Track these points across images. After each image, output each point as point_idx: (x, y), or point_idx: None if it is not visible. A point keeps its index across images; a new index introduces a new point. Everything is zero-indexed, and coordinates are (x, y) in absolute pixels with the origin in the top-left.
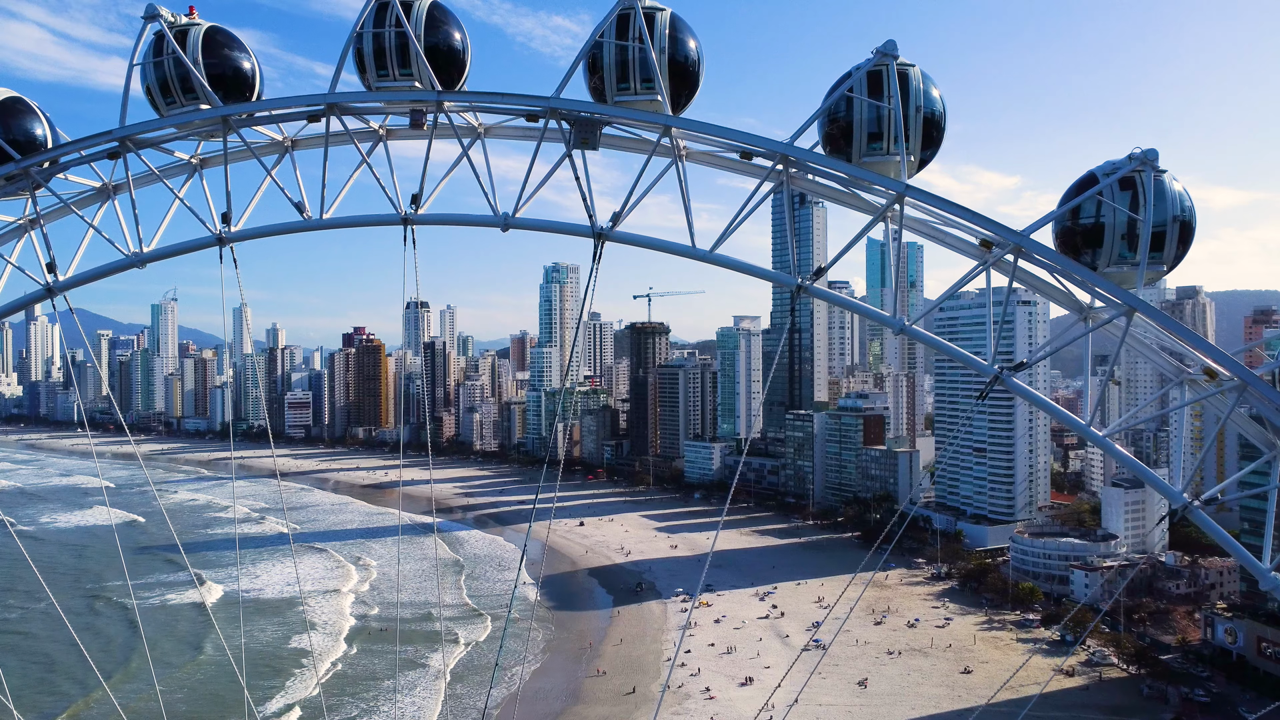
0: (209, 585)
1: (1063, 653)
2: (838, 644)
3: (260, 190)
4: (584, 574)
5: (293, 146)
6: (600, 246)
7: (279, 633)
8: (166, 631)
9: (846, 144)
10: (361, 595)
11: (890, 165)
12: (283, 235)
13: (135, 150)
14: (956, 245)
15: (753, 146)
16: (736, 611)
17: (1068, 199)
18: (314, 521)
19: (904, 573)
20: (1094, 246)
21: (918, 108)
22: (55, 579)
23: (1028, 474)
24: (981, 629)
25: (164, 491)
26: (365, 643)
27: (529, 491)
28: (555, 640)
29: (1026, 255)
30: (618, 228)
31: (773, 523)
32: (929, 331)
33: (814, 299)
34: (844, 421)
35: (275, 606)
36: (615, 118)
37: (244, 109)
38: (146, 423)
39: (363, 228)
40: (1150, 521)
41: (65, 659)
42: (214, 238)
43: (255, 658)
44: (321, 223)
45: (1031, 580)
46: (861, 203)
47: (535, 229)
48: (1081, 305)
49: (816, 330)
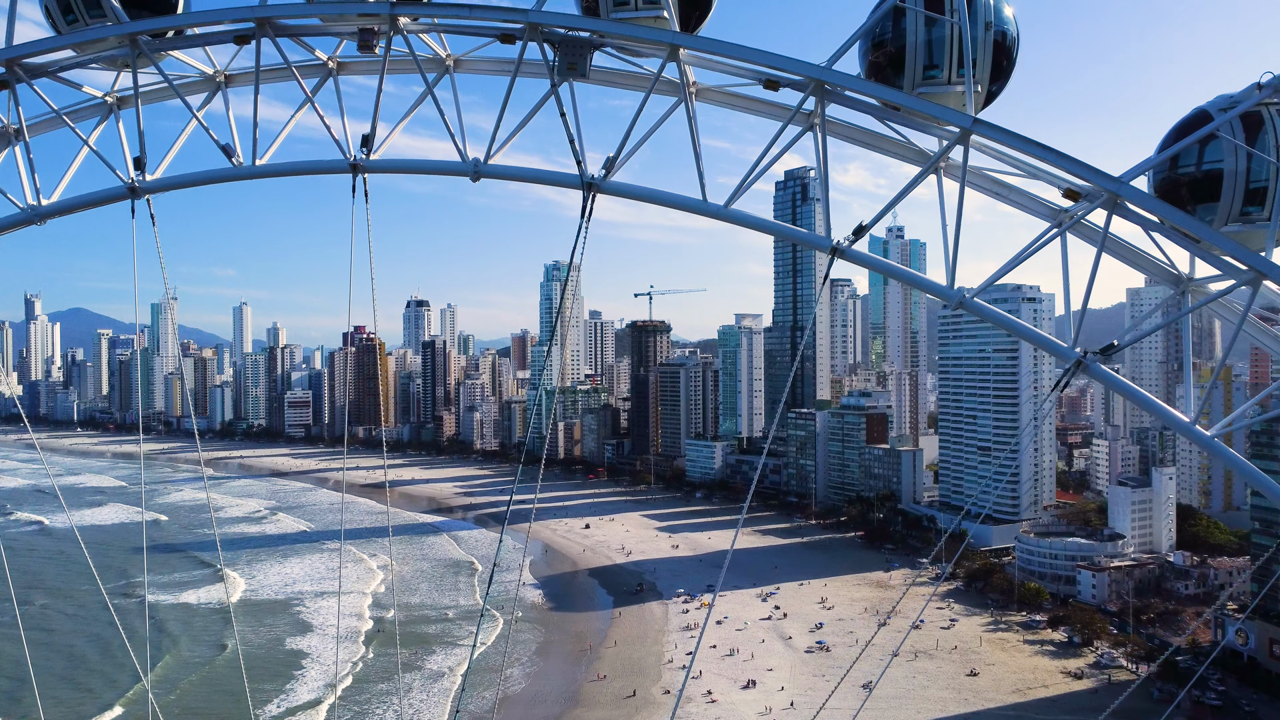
0: (229, 583)
1: (1070, 654)
2: (841, 646)
3: (185, 133)
4: (584, 574)
5: (226, 83)
6: (591, 200)
7: (285, 633)
8: (186, 629)
9: (896, 73)
10: (378, 596)
11: (951, 98)
12: (210, 185)
13: (27, 80)
14: (1024, 203)
15: (781, 71)
16: (738, 612)
17: (1170, 142)
18: (318, 519)
19: (908, 573)
20: (1206, 200)
21: (988, 24)
22: (75, 577)
23: (1033, 473)
24: (987, 630)
25: (167, 490)
26: (379, 646)
27: (530, 491)
28: (554, 642)
29: (1121, 210)
30: (612, 177)
31: (775, 522)
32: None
33: (849, 263)
34: (847, 420)
35: (281, 606)
36: (611, 36)
37: (154, 25)
38: (146, 422)
39: (308, 173)
40: (1158, 521)
41: (93, 656)
42: (124, 188)
43: (266, 658)
44: (255, 170)
45: (1037, 580)
46: (909, 152)
47: (512, 178)
48: (1179, 276)
49: (819, 328)
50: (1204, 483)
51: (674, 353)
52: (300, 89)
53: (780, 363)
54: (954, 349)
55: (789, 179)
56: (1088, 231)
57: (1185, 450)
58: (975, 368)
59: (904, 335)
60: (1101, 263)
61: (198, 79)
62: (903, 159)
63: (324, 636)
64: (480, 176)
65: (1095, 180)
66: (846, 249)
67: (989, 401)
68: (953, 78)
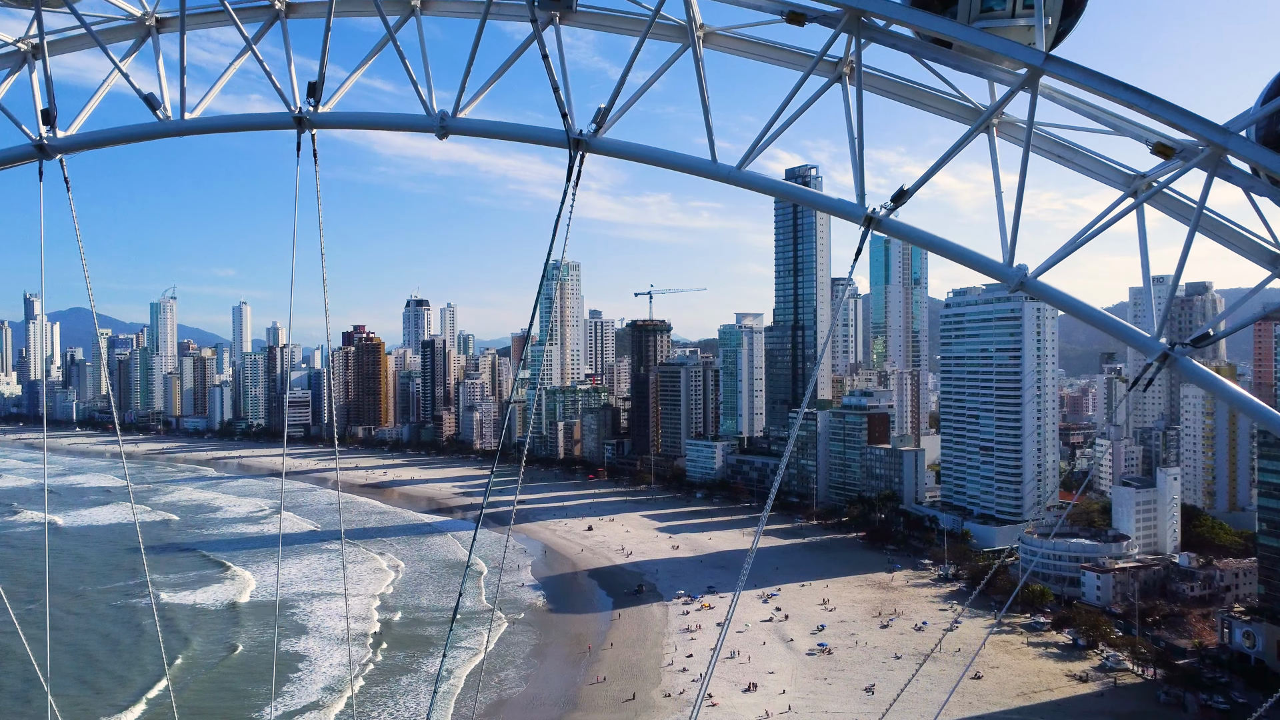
0: (237, 582)
1: (1075, 657)
2: (843, 648)
3: (105, 86)
4: (584, 575)
5: (158, 27)
6: (579, 159)
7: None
8: (197, 628)
9: (946, 6)
10: (385, 597)
11: (1013, 32)
12: (133, 143)
13: None
14: (1093, 168)
15: (808, 1)
16: (739, 614)
17: (1275, 91)
18: (320, 518)
19: (910, 574)
20: None
21: None
22: (87, 575)
23: (1036, 473)
24: (991, 632)
25: (168, 489)
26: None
27: (529, 491)
28: (552, 643)
29: (1224, 169)
30: (604, 134)
31: (775, 522)
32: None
33: (892, 234)
34: (848, 420)
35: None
36: None
37: None
38: (146, 422)
39: None
40: (1163, 522)
41: (103, 655)
42: (31, 146)
43: (268, 659)
44: (183, 125)
45: (1041, 582)
46: (955, 107)
47: (484, 134)
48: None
49: (820, 327)
50: (1208, 483)
51: (674, 352)
52: (239, 33)
53: (781, 362)
54: (956, 348)
55: (789, 177)
56: (1170, 202)
57: (1190, 450)
58: (978, 367)
59: (905, 334)
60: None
61: (125, 22)
62: (946, 115)
63: (323, 639)
64: (448, 132)
65: (1198, 130)
66: (884, 219)
67: (992, 401)
68: (1017, 9)
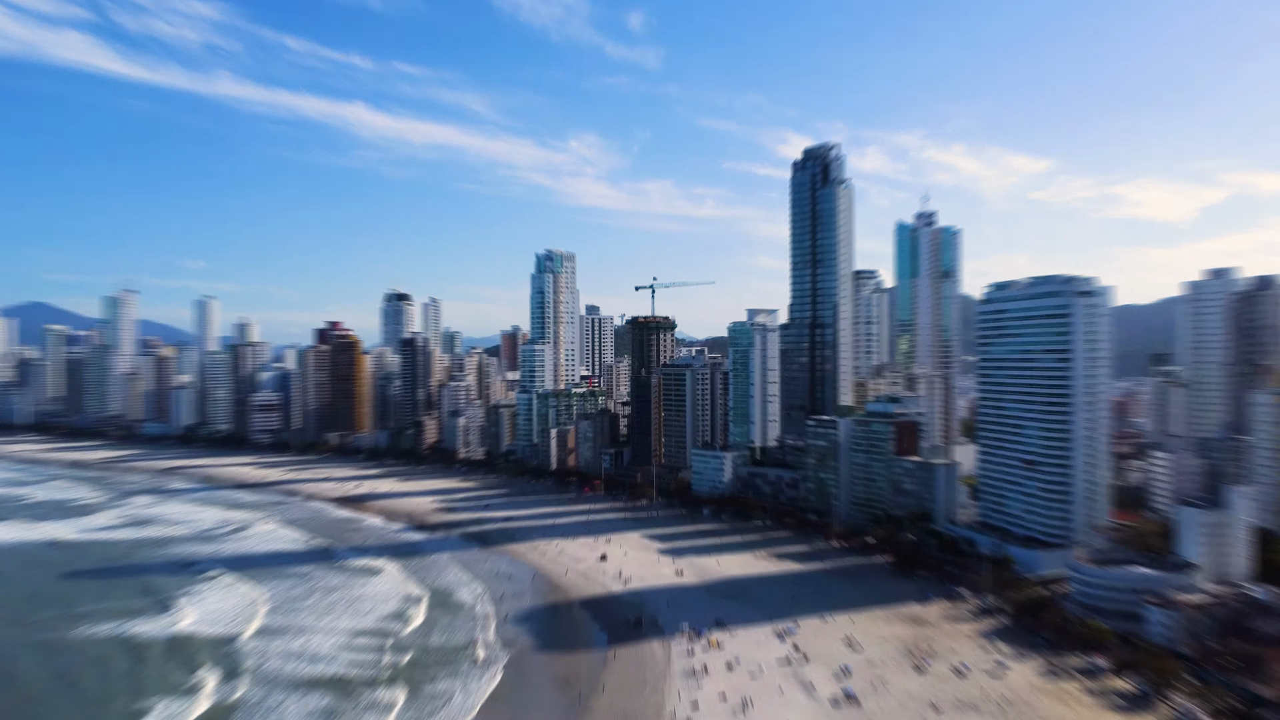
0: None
1: (1143, 708)
2: (871, 695)
3: None
4: (576, 605)
5: None
6: None
7: None
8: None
9: None
10: (352, 633)
11: None
12: None
13: None
14: None
15: None
16: (752, 654)
17: None
18: (287, 534)
19: (945, 605)
20: None
21: None
22: None
23: (1087, 490)
24: (1042, 677)
25: (119, 502)
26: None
27: (518, 506)
28: (534, 688)
29: None
30: None
31: (792, 544)
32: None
33: None
34: (873, 428)
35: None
36: None
37: None
38: (101, 426)
39: None
40: (1234, 547)
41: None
42: None
43: None
44: None
45: (1095, 616)
46: None
47: None
48: None
49: (841, 325)
50: None
51: (679, 352)
52: None
53: (797, 363)
54: (996, 349)
55: (808, 158)
56: None
57: (1262, 465)
58: (1020, 371)
59: (935, 333)
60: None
61: None
62: None
63: (269, 686)
64: None
65: None
66: None
67: (1036, 409)
68: None
